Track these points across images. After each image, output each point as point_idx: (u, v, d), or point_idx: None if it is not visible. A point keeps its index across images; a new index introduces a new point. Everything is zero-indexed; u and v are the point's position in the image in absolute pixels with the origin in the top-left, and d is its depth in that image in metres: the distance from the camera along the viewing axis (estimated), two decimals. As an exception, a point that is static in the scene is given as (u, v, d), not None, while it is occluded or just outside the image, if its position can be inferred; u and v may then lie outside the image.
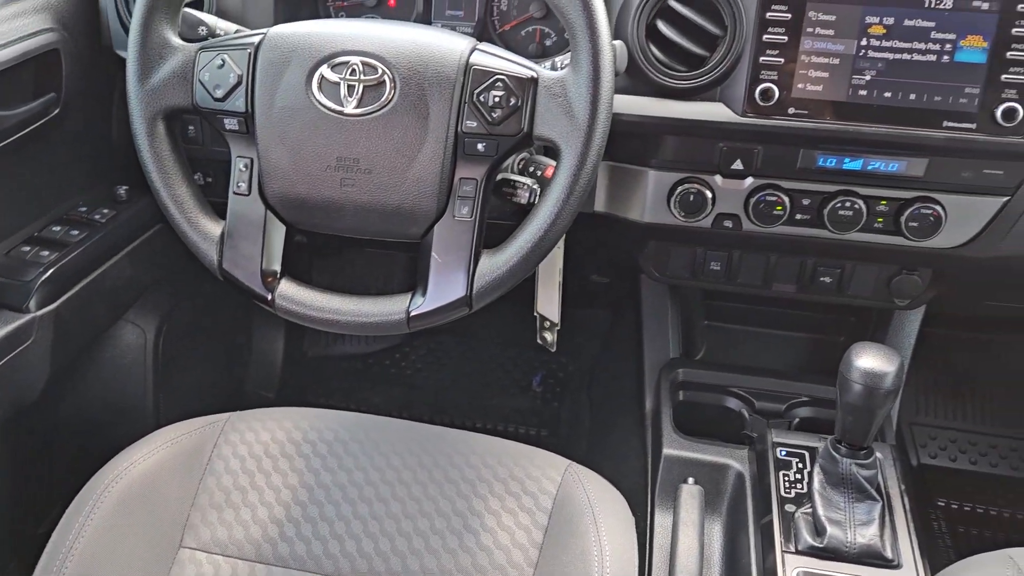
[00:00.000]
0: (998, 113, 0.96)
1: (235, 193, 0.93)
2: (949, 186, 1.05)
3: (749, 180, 1.10)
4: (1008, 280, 1.16)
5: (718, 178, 1.11)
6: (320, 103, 0.88)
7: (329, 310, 0.91)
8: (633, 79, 1.04)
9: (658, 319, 1.40)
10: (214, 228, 0.94)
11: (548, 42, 1.22)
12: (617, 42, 0.92)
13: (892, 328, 1.34)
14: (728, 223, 1.13)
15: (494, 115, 0.86)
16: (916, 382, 1.78)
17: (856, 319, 1.43)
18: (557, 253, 1.16)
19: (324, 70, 0.88)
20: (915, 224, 1.07)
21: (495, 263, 0.88)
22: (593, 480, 1.05)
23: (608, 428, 1.63)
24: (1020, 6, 0.93)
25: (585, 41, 0.83)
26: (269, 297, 0.92)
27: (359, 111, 0.87)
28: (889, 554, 0.95)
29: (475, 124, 0.86)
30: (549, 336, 1.24)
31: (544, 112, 0.85)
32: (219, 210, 0.96)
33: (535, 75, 0.86)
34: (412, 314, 0.89)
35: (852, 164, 1.06)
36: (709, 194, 1.11)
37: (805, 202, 1.10)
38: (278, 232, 0.93)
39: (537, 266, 0.89)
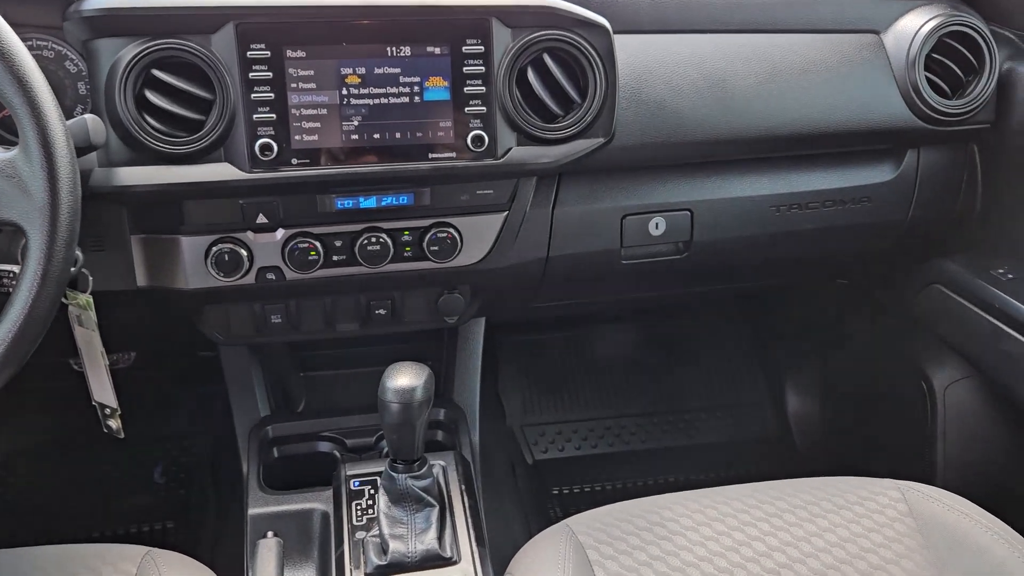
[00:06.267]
0: (469, 141, 1.09)
1: None
2: (456, 210, 1.18)
3: (280, 232, 1.14)
4: (530, 284, 1.31)
5: (250, 234, 1.13)
6: None
7: None
8: (135, 150, 1.03)
9: (242, 381, 1.39)
10: None
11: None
12: (88, 116, 0.92)
13: (460, 343, 1.46)
14: (271, 276, 1.16)
15: None
16: (520, 388, 1.96)
17: (436, 342, 1.53)
18: (93, 336, 1.11)
19: None
20: (436, 248, 1.17)
21: None
22: (174, 562, 1.01)
23: (235, 505, 1.59)
24: (465, 48, 1.07)
25: (28, 121, 0.81)
26: None
27: None
28: (448, 553, 1.03)
29: None
30: (113, 423, 1.18)
31: (0, 195, 0.82)
32: None
33: None
34: None
35: (367, 203, 1.14)
36: (244, 251, 1.13)
37: (337, 243, 1.16)
38: None
39: (28, 355, 0.85)
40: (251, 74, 1.03)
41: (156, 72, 1.02)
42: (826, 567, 1.01)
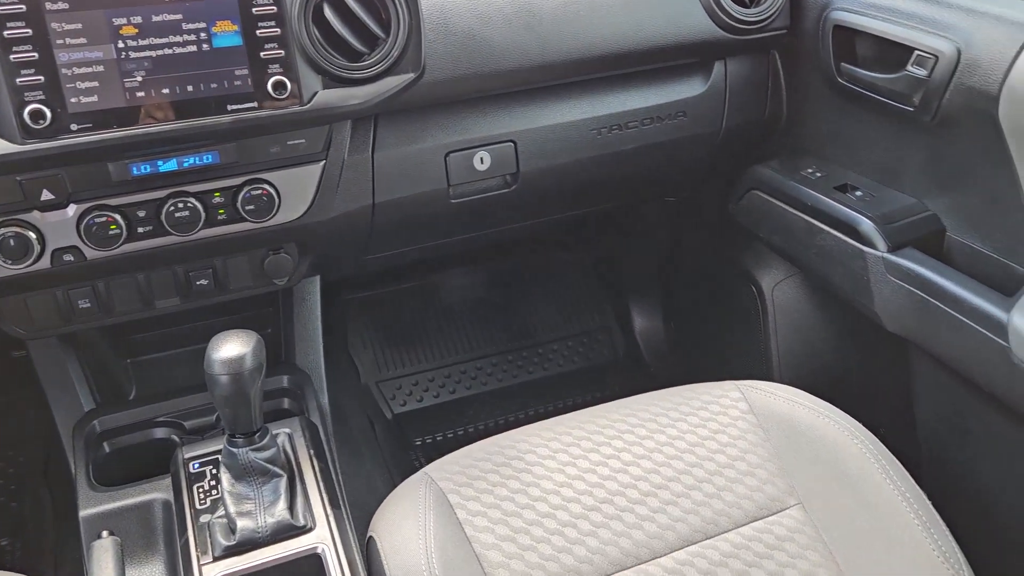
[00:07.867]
0: (270, 88, 1.01)
1: None
2: (268, 164, 1.10)
3: (72, 207, 1.03)
4: (359, 235, 1.26)
5: (36, 213, 1.02)
6: None
7: None
8: None
9: (58, 376, 1.27)
10: None
11: None
12: None
13: (296, 305, 1.39)
14: (69, 257, 1.05)
15: None
16: (371, 344, 1.91)
17: (271, 308, 1.46)
18: None
19: None
20: (252, 207, 1.10)
21: None
22: None
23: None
24: (253, -14, 0.99)
25: None
26: None
27: None
28: (301, 521, 0.98)
29: None
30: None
31: None
32: None
33: None
34: None
35: (167, 165, 1.05)
36: (33, 234, 1.02)
37: (140, 214, 1.07)
38: None
39: None
40: (6, 32, 0.91)
41: None
42: (678, 473, 1.04)
